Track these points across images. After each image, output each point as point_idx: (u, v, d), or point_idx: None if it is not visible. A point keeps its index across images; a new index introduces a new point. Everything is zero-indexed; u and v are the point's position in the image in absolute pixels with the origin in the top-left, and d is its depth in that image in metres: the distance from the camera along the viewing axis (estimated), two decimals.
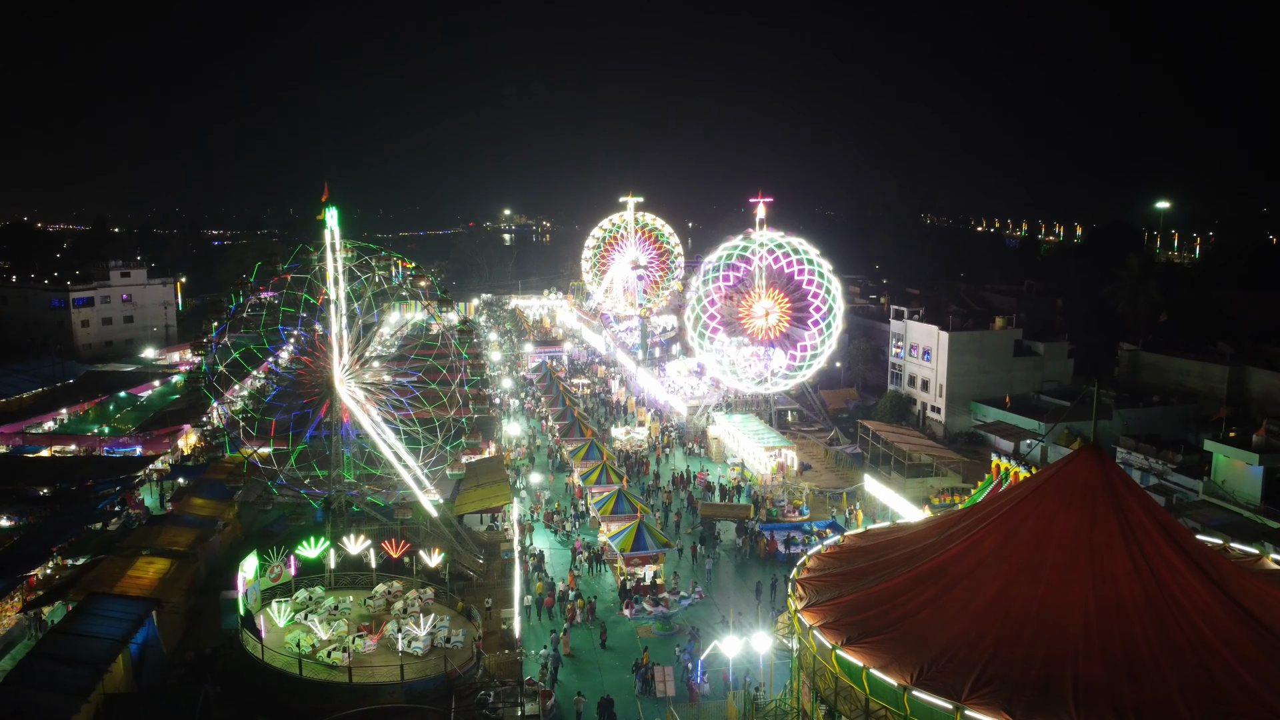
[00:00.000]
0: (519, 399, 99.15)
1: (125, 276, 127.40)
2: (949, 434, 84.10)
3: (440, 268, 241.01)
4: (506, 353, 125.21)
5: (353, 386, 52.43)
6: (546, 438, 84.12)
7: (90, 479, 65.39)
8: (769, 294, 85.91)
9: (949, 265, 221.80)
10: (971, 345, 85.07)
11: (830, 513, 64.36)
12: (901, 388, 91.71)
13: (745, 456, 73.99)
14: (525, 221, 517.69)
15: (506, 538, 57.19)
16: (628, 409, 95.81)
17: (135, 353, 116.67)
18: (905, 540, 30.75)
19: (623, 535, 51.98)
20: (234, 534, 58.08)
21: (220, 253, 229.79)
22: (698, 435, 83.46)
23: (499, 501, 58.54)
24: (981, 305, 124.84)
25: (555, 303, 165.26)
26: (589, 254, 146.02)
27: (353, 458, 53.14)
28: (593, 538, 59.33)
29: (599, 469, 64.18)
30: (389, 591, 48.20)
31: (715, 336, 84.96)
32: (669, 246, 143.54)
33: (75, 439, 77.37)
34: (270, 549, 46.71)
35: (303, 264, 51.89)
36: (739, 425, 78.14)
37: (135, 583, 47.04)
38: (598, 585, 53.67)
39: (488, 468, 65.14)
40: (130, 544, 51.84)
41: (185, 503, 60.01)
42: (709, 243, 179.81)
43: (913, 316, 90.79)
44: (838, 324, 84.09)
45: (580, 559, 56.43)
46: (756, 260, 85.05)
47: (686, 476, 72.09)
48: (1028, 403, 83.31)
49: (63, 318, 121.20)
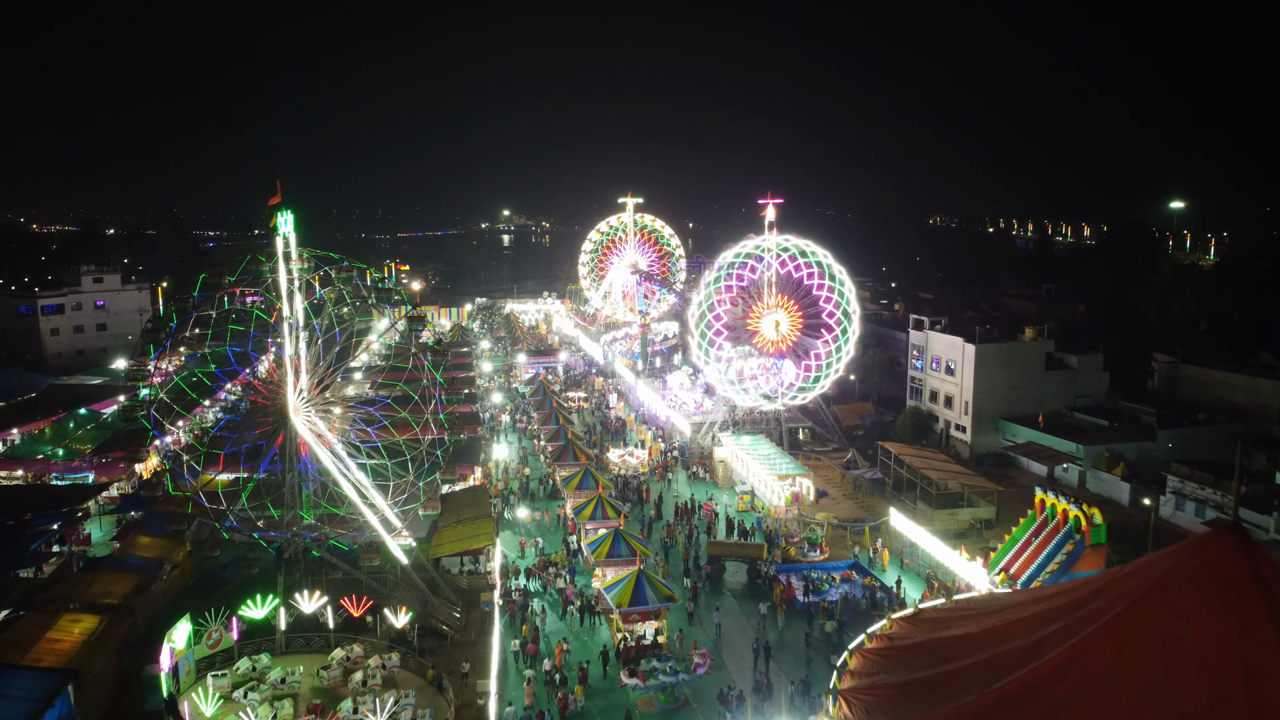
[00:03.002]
0: (510, 415, 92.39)
1: (98, 282, 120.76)
2: (975, 455, 77.46)
3: (435, 270, 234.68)
4: (498, 363, 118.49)
5: (311, 416, 45.85)
6: (539, 460, 77.47)
7: (30, 512, 58.93)
8: (779, 302, 79.29)
9: (958, 267, 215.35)
10: (999, 358, 78.37)
11: (852, 551, 57.72)
12: (922, 403, 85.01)
13: (755, 483, 67.30)
14: (524, 222, 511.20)
15: (489, 582, 50.54)
16: (627, 425, 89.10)
17: (109, 363, 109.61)
18: (978, 639, 24.05)
19: (619, 587, 45.29)
20: (182, 578, 51.44)
21: (208, 254, 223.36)
22: (703, 457, 76.75)
23: (480, 542, 51.88)
24: (998, 310, 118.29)
25: (552, 307, 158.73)
26: (586, 257, 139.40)
27: (312, 495, 46.55)
28: (586, 582, 52.70)
29: (594, 502, 57.50)
30: (347, 658, 41.57)
31: (720, 348, 78.35)
32: (670, 248, 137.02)
33: (23, 463, 70.73)
34: (208, 610, 40.09)
35: (253, 275, 45.31)
36: (748, 448, 71.45)
37: (52, 648, 40.51)
38: (590, 642, 46.99)
39: (469, 499, 58.45)
40: (56, 595, 45.31)
41: (130, 541, 53.52)
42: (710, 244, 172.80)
43: (934, 326, 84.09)
44: (853, 335, 77.51)
45: (572, 610, 49.72)
46: (765, 266, 78.42)
47: (691, 506, 65.41)
48: (1060, 421, 76.71)
49: (31, 326, 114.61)
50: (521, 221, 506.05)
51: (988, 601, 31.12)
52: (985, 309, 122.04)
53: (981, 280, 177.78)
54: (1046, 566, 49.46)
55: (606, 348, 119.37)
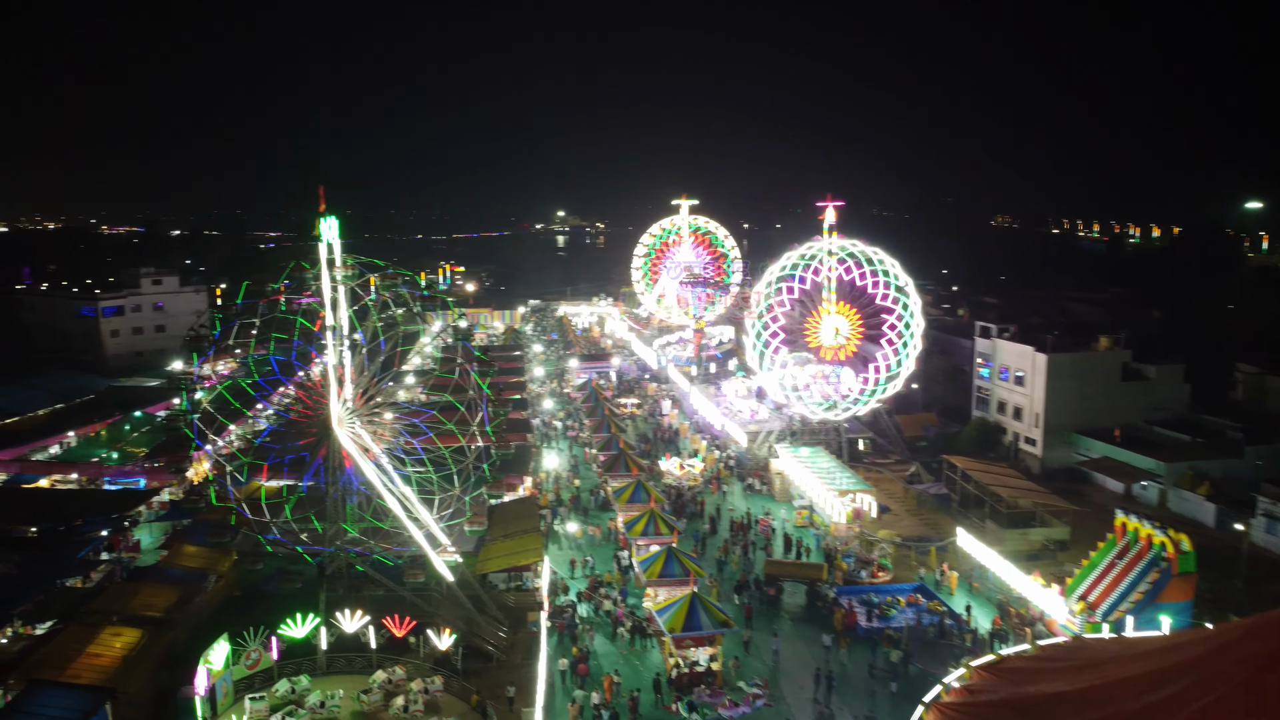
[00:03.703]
0: (562, 422, 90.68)
1: (157, 284, 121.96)
2: (1046, 470, 73.81)
3: (488, 272, 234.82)
4: (550, 367, 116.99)
5: (355, 427, 44.47)
6: (590, 469, 75.63)
7: (80, 517, 58.71)
8: (839, 309, 76.49)
9: (1020, 270, 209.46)
10: (1073, 369, 74.58)
11: (917, 573, 54.86)
12: (989, 415, 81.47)
13: (814, 498, 64.64)
14: (578, 223, 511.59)
15: (536, 599, 48.75)
16: (680, 434, 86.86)
17: (166, 364, 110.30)
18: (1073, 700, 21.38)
19: (672, 610, 43.14)
20: (225, 590, 50.53)
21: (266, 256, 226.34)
22: (759, 468, 74.21)
23: (529, 558, 50.09)
24: (1065, 316, 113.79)
25: (605, 310, 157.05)
26: (640, 260, 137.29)
27: (356, 508, 45.17)
28: (637, 602, 50.63)
29: (646, 516, 55.37)
30: (389, 681, 40.02)
31: (777, 354, 75.76)
32: (724, 250, 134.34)
33: (77, 467, 70.86)
34: (247, 629, 38.82)
35: (297, 283, 44.07)
36: (807, 460, 68.78)
37: (92, 664, 39.65)
38: (641, 667, 44.90)
39: (518, 512, 56.79)
40: (99, 608, 44.61)
41: (176, 551, 52.82)
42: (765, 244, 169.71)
43: (1003, 334, 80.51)
44: (916, 343, 74.36)
45: (622, 631, 47.65)
46: (826, 270, 75.65)
47: (748, 520, 62.98)
48: (1137, 435, 72.71)
49: (91, 327, 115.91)
50: (576, 223, 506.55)
51: (1079, 651, 28.28)
52: (1051, 314, 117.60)
53: (1045, 283, 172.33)
54: (1129, 595, 46.28)
55: (660, 352, 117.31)
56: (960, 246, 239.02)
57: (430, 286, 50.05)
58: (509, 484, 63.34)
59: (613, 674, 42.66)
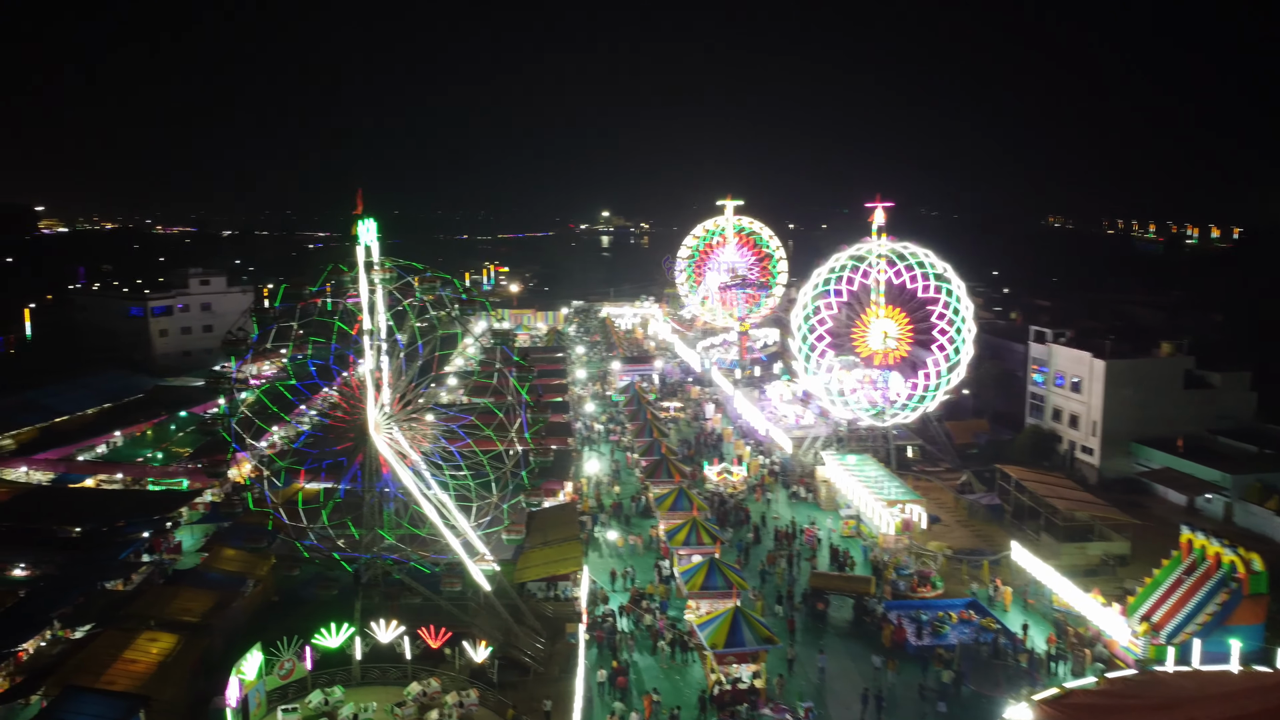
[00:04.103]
0: (604, 425, 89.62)
1: (205, 284, 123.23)
2: (1103, 480, 71.15)
3: (533, 272, 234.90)
4: (593, 369, 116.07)
5: (393, 432, 43.76)
6: (631, 474, 74.47)
7: (122, 518, 58.89)
8: (888, 312, 74.52)
9: (1074, 272, 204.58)
10: (1133, 375, 71.80)
11: (969, 587, 52.89)
12: (1043, 422, 78.87)
13: (861, 508, 62.85)
14: (623, 223, 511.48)
15: (575, 610, 47.69)
16: (724, 439, 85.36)
17: (213, 364, 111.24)
18: None
19: (715, 625, 41.78)
20: (263, 595, 50.17)
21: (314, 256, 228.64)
22: (804, 476, 72.47)
23: (568, 567, 49.03)
24: (1122, 319, 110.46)
25: (649, 311, 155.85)
26: (684, 262, 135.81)
27: (393, 515, 44.47)
28: (679, 613, 49.33)
29: (688, 525, 54.06)
30: (424, 693, 39.17)
31: (823, 358, 74.00)
32: (769, 250, 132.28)
33: (121, 467, 71.32)
34: (281, 638, 38.22)
35: (337, 285, 43.46)
36: (854, 468, 66.96)
37: (127, 669, 39.38)
38: (682, 683, 43.60)
39: (558, 519, 55.78)
40: (137, 612, 44.42)
41: (215, 554, 52.66)
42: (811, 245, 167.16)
43: (1059, 339, 77.86)
44: (967, 349, 72.12)
45: (662, 644, 46.37)
46: (875, 273, 73.73)
47: (792, 530, 61.38)
48: (1201, 445, 69.86)
49: (140, 327, 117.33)
50: (620, 223, 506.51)
51: (1152, 688, 26.50)
52: (1107, 318, 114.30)
53: (1100, 286, 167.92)
54: (1196, 617, 44.05)
55: (703, 354, 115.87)
56: (1011, 247, 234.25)
57: (469, 289, 48.87)
58: (549, 489, 62.41)
59: (652, 692, 41.38)
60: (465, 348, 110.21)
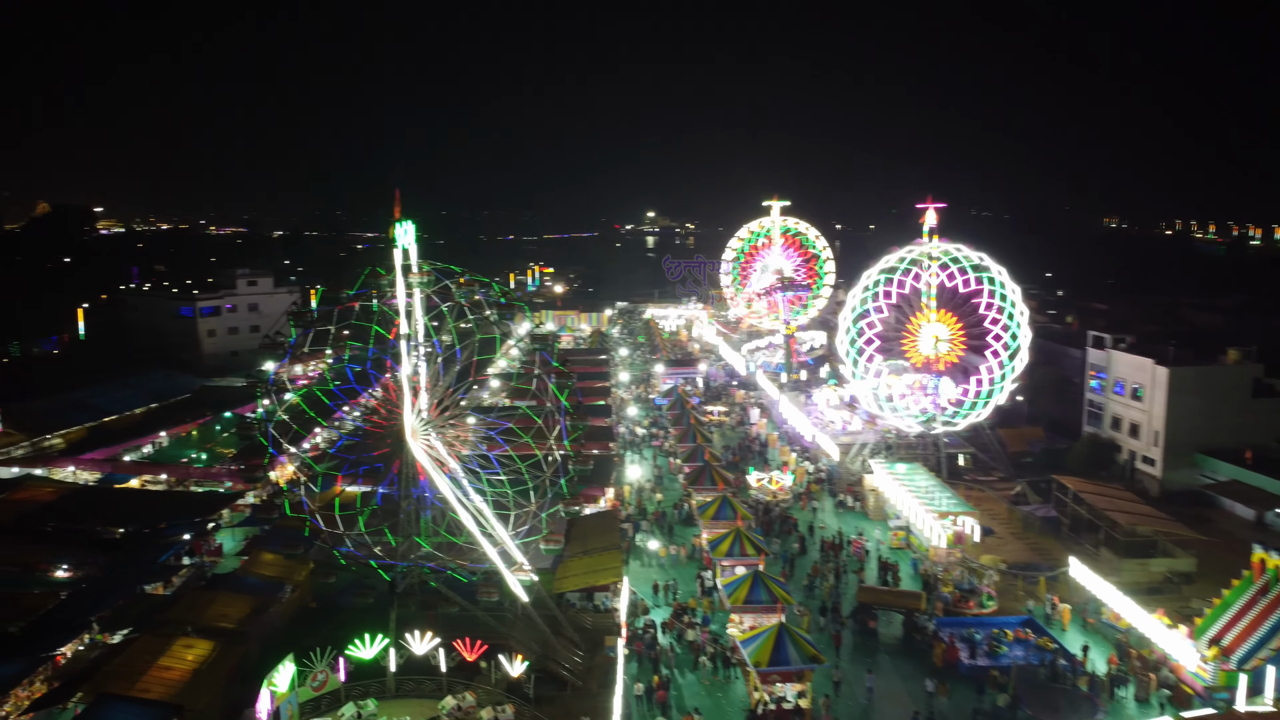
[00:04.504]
0: (646, 429, 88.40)
1: (252, 285, 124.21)
2: (1165, 492, 68.30)
3: (577, 273, 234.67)
4: (636, 372, 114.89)
5: (431, 439, 42.97)
6: (674, 480, 73.14)
7: (164, 520, 58.90)
8: (939, 316, 72.37)
9: (1131, 274, 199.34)
10: (1197, 383, 68.84)
11: (1025, 604, 50.79)
12: (1101, 430, 76.09)
13: (911, 518, 60.88)
14: (668, 224, 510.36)
15: (614, 621, 46.49)
16: (769, 445, 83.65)
17: (259, 365, 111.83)
18: None
19: (758, 642, 40.34)
20: (300, 600, 49.67)
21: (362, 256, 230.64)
22: (852, 484, 70.57)
23: (608, 578, 47.85)
24: (1181, 323, 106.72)
25: (693, 313, 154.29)
26: (728, 265, 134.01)
27: (430, 522, 43.67)
28: (720, 627, 47.91)
29: (732, 535, 52.60)
30: (459, 708, 38.25)
31: (871, 362, 72.09)
32: (816, 251, 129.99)
33: (165, 468, 71.62)
34: (314, 649, 37.51)
35: (373, 290, 42.80)
36: (903, 477, 64.97)
37: (162, 677, 38.86)
38: (724, 700, 42.20)
39: (598, 527, 54.63)
40: (174, 617, 44.00)
41: (254, 558, 52.26)
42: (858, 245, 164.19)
43: (1118, 344, 75.04)
44: (1023, 353, 69.77)
45: (704, 660, 44.98)
46: (927, 275, 71.61)
47: (839, 541, 59.62)
48: (1271, 456, 66.74)
49: (189, 327, 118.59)
50: (665, 224, 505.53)
51: None
52: (1167, 322, 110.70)
53: (1159, 289, 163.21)
54: (1270, 642, 41.64)
55: (748, 357, 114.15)
56: (1066, 249, 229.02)
57: (508, 292, 47.87)
58: (589, 496, 61.29)
59: (694, 712, 40.02)
60: (509, 349, 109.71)
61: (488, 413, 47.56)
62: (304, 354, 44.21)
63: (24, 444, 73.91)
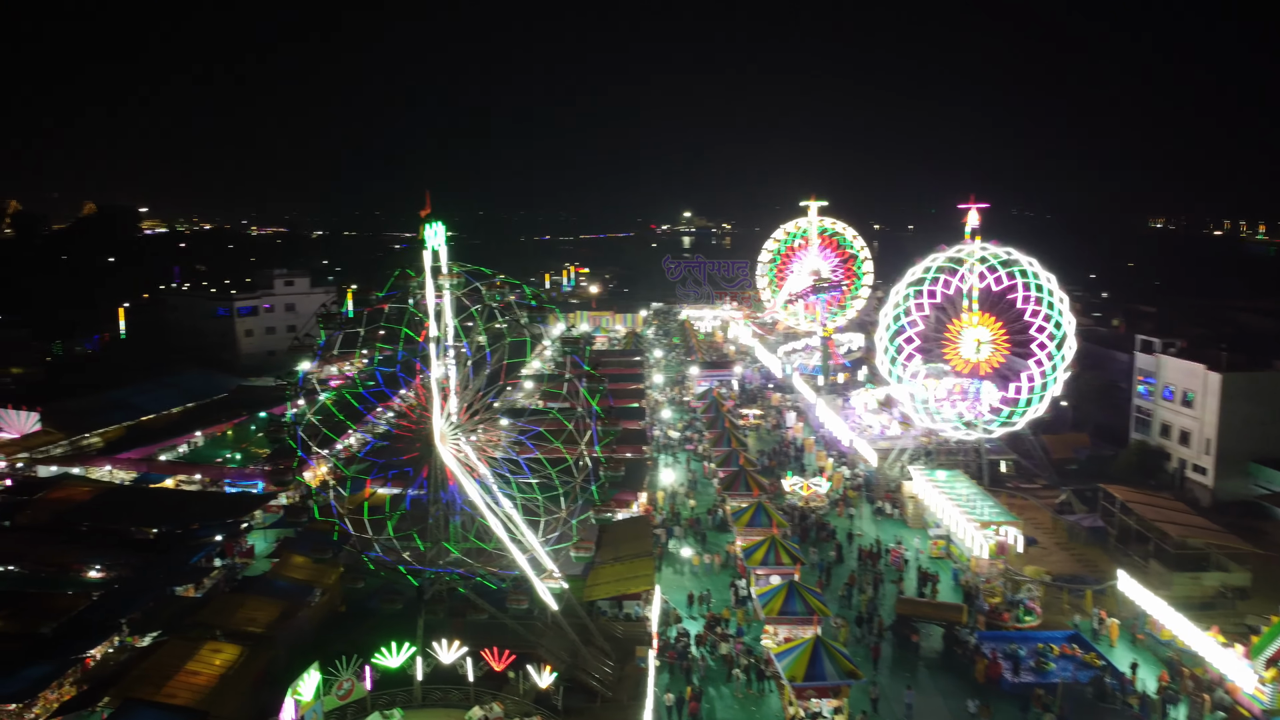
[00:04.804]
0: (680, 432, 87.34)
1: (289, 285, 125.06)
2: (1217, 502, 66.05)
3: (613, 274, 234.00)
4: (671, 373, 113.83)
5: (460, 443, 42.31)
6: (708, 485, 72.02)
7: (196, 521, 58.92)
8: (981, 319, 70.55)
9: (1178, 276, 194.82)
10: (1252, 390, 66.46)
11: (1072, 617, 49.09)
12: (1150, 438, 73.80)
13: (951, 527, 59.28)
14: (705, 224, 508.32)
15: (646, 630, 45.53)
16: (805, 449, 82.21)
17: (295, 364, 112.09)
18: None
19: (794, 655, 39.18)
20: (330, 604, 49.35)
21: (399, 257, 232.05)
22: (890, 490, 69.02)
23: (639, 586, 46.91)
24: (1231, 326, 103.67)
25: (729, 314, 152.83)
26: (764, 267, 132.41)
27: (459, 528, 43.01)
28: (754, 639, 46.77)
29: (767, 543, 51.40)
30: (486, 718, 37.54)
31: (910, 359, 70.42)
32: (854, 251, 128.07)
33: (200, 468, 71.86)
34: (340, 657, 36.96)
35: (403, 292, 42.22)
36: (943, 484, 63.35)
37: (189, 682, 38.62)
38: (758, 714, 41.10)
39: (630, 533, 53.69)
40: (203, 620, 43.86)
41: (284, 561, 52.09)
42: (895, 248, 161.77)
43: (1168, 349, 72.75)
44: (1067, 358, 67.81)
45: (737, 672, 43.87)
46: (972, 277, 69.82)
47: (877, 549, 58.18)
48: None
49: (227, 327, 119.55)
50: (702, 224, 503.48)
51: None
52: (1216, 325, 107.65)
53: (1206, 290, 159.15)
54: None
55: (785, 360, 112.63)
56: (1110, 249, 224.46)
57: (539, 294, 46.87)
58: (621, 500, 60.31)
59: None
60: (543, 350, 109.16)
61: (518, 416, 46.79)
62: (333, 356, 43.61)
63: (63, 442, 74.64)
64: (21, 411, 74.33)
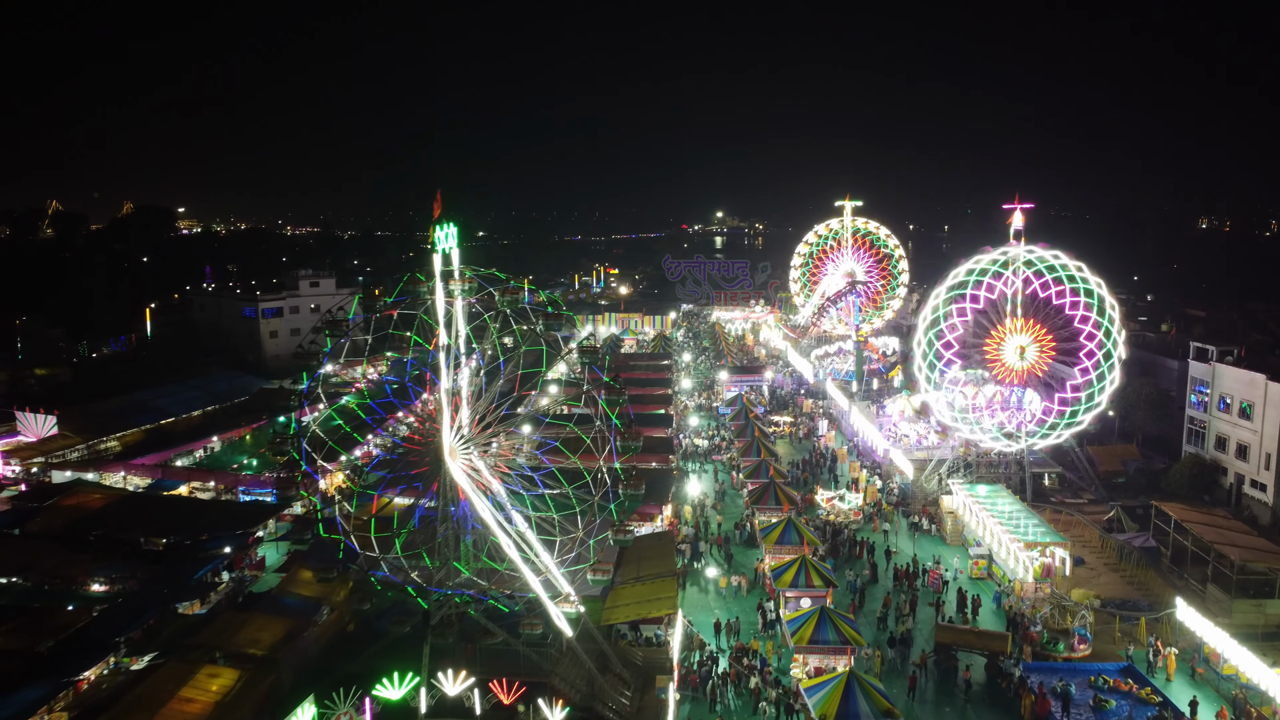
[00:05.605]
0: (708, 440, 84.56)
1: (314, 286, 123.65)
2: (1277, 521, 62.23)
3: (644, 274, 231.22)
4: (699, 378, 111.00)
5: (472, 458, 39.97)
6: (737, 497, 69.24)
7: (206, 532, 57.12)
8: (1025, 326, 67.15)
9: (1228, 278, 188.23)
10: None
11: (1124, 646, 45.78)
12: (1204, 451, 69.93)
13: (993, 545, 56.08)
14: (737, 224, 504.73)
15: (668, 656, 42.93)
16: (838, 459, 79.10)
17: (314, 369, 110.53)
18: None
19: (824, 693, 36.39)
20: (337, 624, 47.20)
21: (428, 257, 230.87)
22: (927, 504, 65.83)
23: (661, 609, 44.29)
24: None
25: (760, 316, 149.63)
26: (797, 271, 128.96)
27: (470, 547, 40.69)
28: (785, 663, 43.96)
29: (797, 564, 48.58)
30: None
31: (949, 364, 67.17)
32: (889, 250, 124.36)
33: (215, 475, 70.15)
34: (337, 690, 34.74)
35: (413, 297, 39.94)
36: (984, 499, 60.10)
37: (182, 709, 36.65)
38: None
39: (653, 550, 51.05)
40: (204, 641, 41.93)
41: (292, 575, 50.17)
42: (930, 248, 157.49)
43: (1225, 358, 68.86)
44: (1116, 367, 64.31)
45: (765, 705, 41.10)
46: (1018, 281, 66.44)
47: (914, 569, 55.09)
48: None
49: (253, 328, 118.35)
50: (734, 224, 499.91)
51: None
52: (1273, 330, 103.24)
53: (1258, 292, 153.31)
54: None
55: (817, 364, 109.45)
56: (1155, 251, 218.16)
57: (555, 301, 44.19)
58: (645, 514, 57.74)
59: None
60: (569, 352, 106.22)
61: (535, 426, 44.36)
62: (340, 365, 41.50)
63: (80, 446, 73.37)
64: (39, 414, 73.13)
